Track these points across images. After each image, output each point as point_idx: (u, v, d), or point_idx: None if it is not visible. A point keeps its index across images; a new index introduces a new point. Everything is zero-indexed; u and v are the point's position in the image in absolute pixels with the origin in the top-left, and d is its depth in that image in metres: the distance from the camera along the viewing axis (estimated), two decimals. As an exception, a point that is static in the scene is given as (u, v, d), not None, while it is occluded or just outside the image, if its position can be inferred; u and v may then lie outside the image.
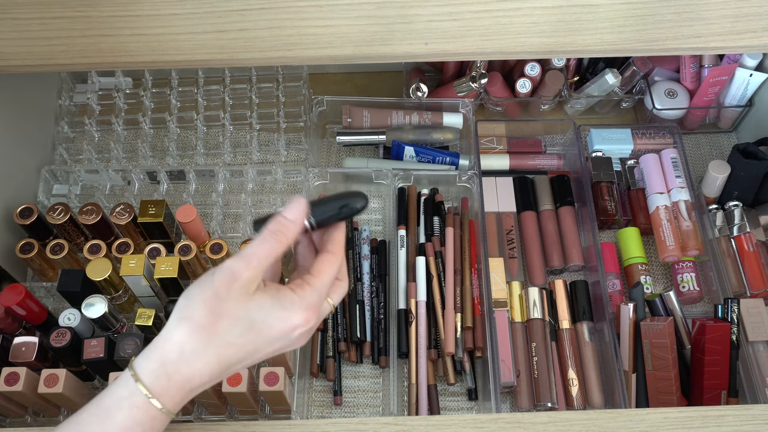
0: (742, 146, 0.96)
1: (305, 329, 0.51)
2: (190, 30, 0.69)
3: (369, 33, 0.70)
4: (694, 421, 0.60)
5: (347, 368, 0.91)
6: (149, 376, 0.49)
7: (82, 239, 0.91)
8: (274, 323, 0.50)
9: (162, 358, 0.49)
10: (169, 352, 0.49)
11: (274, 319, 0.50)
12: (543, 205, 1.00)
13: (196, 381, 0.50)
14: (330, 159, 1.07)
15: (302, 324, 0.51)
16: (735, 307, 0.84)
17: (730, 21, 0.70)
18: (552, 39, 0.70)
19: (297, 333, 0.51)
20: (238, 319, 0.49)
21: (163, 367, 0.49)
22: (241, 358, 0.51)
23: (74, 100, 1.06)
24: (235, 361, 0.51)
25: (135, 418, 0.49)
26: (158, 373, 0.49)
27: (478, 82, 0.97)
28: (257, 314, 0.50)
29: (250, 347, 0.51)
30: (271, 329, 0.50)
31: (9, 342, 0.76)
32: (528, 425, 0.60)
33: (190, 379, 0.50)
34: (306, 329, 0.52)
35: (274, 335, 0.51)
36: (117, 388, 0.50)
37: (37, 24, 0.69)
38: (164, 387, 0.49)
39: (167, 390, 0.49)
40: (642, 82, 1.05)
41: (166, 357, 0.49)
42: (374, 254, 0.96)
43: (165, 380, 0.49)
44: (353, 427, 0.61)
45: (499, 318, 0.89)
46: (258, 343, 0.51)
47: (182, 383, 0.50)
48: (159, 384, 0.49)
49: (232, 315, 0.49)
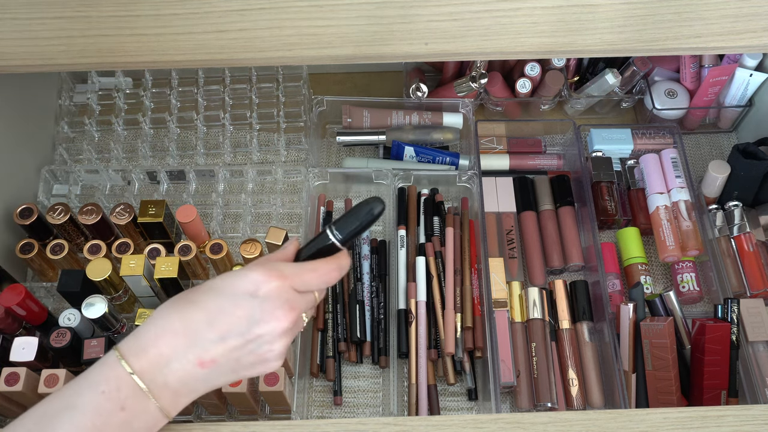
0: (742, 146, 0.96)
1: (270, 287, 0.51)
2: (190, 30, 0.69)
3: (369, 33, 0.70)
4: (694, 422, 0.60)
5: (347, 368, 0.91)
6: (123, 344, 0.51)
7: (82, 239, 0.91)
8: (232, 279, 0.51)
9: (136, 331, 0.52)
10: (143, 326, 0.52)
11: (234, 276, 0.51)
12: (543, 205, 1.00)
13: (161, 343, 0.50)
14: (330, 159, 1.07)
15: (263, 279, 0.51)
16: (735, 307, 0.84)
17: (730, 21, 0.70)
18: (552, 39, 0.70)
19: (263, 291, 0.51)
20: (203, 286, 0.52)
21: (134, 334, 0.51)
22: (206, 319, 0.50)
23: (74, 100, 1.06)
24: (199, 320, 0.50)
25: (105, 374, 0.50)
26: (130, 339, 0.51)
27: (478, 82, 0.97)
28: (221, 279, 0.52)
29: (211, 305, 0.51)
30: (232, 286, 0.51)
31: (9, 342, 0.76)
32: (528, 425, 0.60)
33: (155, 339, 0.50)
34: (272, 287, 0.51)
35: (236, 291, 0.51)
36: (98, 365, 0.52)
37: (37, 24, 0.69)
38: (130, 345, 0.51)
39: (134, 350, 0.50)
40: (642, 82, 1.05)
41: (139, 329, 0.52)
42: (374, 254, 0.96)
43: (133, 340, 0.51)
44: (353, 428, 0.61)
45: (499, 318, 0.89)
46: (220, 301, 0.51)
47: (146, 343, 0.50)
48: (126, 344, 0.51)
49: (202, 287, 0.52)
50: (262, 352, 0.52)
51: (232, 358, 0.51)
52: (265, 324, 0.51)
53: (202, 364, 0.51)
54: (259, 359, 0.52)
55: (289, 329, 0.52)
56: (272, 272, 0.51)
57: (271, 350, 0.52)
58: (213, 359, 0.51)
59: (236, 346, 0.51)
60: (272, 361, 0.53)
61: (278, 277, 0.51)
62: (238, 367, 0.52)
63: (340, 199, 1.02)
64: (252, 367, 0.53)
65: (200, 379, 0.52)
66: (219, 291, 0.51)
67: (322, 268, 0.54)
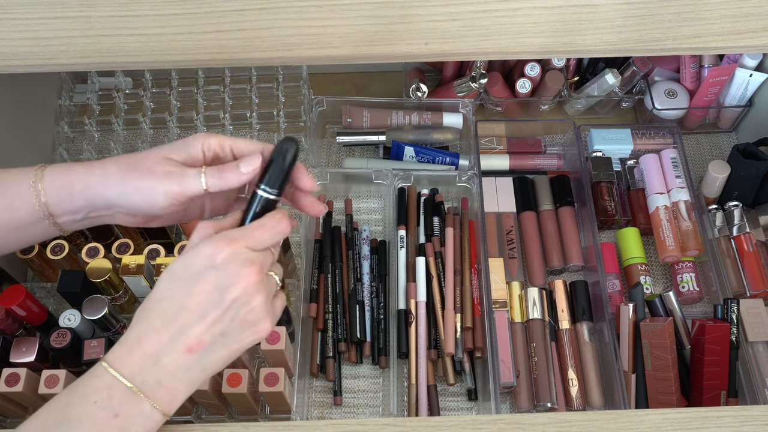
0: (742, 146, 0.96)
1: (225, 253, 0.50)
2: (190, 30, 0.69)
3: (369, 33, 0.70)
4: (693, 422, 0.60)
5: (347, 368, 0.91)
6: (109, 354, 0.51)
7: (82, 240, 0.91)
8: (187, 261, 0.51)
9: (120, 340, 0.52)
10: (125, 334, 0.52)
11: (186, 257, 0.51)
12: (543, 206, 1.00)
13: (145, 343, 0.50)
14: (330, 159, 1.07)
15: (215, 250, 0.50)
16: (735, 307, 0.84)
17: (730, 21, 0.70)
18: (552, 39, 0.70)
19: (219, 259, 0.50)
20: (163, 280, 0.52)
21: (118, 343, 0.51)
22: (178, 307, 0.50)
23: (74, 100, 1.06)
24: (172, 310, 0.50)
25: (95, 386, 0.50)
26: (115, 348, 0.51)
27: (478, 82, 0.97)
28: (175, 266, 0.52)
29: (178, 292, 0.50)
30: (189, 267, 0.51)
31: (9, 342, 0.76)
32: (528, 426, 0.60)
33: (138, 342, 0.50)
34: (227, 252, 0.50)
35: (195, 270, 0.50)
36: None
37: (37, 24, 0.69)
38: (115, 354, 0.51)
39: (120, 357, 0.50)
40: (642, 82, 1.05)
41: (122, 337, 0.52)
42: (374, 254, 0.96)
43: (117, 348, 0.51)
44: (353, 428, 0.61)
45: (499, 318, 0.89)
46: (185, 286, 0.50)
47: (130, 347, 0.50)
48: (112, 354, 0.51)
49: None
50: (243, 315, 0.51)
51: (217, 333, 0.51)
52: (235, 286, 0.50)
53: (190, 350, 0.51)
54: (245, 323, 0.52)
55: (259, 282, 0.51)
56: (221, 240, 0.51)
57: (251, 310, 0.52)
58: (199, 341, 0.51)
59: (216, 319, 0.51)
60: (259, 322, 0.52)
61: (229, 243, 0.51)
62: (227, 341, 0.52)
63: (340, 199, 1.02)
64: (241, 333, 0.52)
65: (194, 367, 0.52)
66: (179, 277, 0.51)
67: (268, 222, 0.54)
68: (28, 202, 0.55)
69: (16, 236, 0.57)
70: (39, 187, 0.55)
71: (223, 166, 0.55)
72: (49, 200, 0.55)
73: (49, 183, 0.55)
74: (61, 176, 0.56)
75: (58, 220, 0.57)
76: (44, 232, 0.58)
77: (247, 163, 0.55)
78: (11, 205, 0.55)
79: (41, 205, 0.55)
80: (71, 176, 0.55)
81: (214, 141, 0.56)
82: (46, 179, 0.56)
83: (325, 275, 0.92)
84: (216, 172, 0.55)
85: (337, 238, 0.96)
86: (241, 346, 0.53)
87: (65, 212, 0.56)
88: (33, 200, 0.55)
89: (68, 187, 0.55)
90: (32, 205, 0.55)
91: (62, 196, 0.55)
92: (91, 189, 0.55)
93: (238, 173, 0.55)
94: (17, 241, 0.58)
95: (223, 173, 0.55)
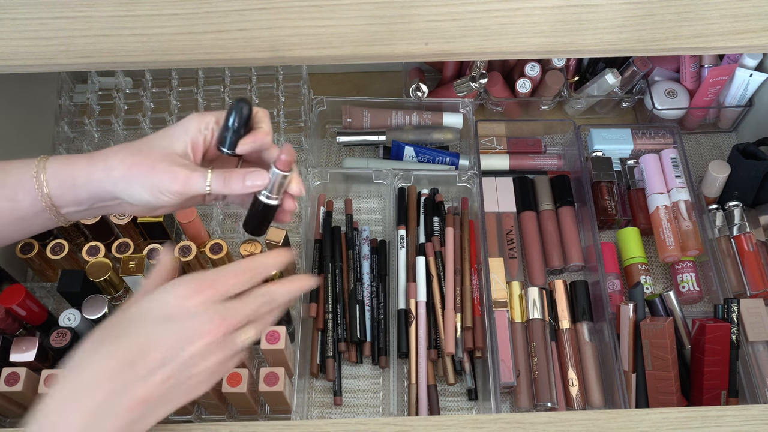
0: (742, 146, 0.96)
1: (197, 301, 0.47)
2: (190, 30, 0.69)
3: (369, 33, 0.70)
4: (693, 422, 0.60)
5: (347, 368, 0.91)
6: None
7: (82, 239, 0.91)
8: (153, 302, 0.48)
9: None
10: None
11: (151, 299, 0.48)
12: (543, 205, 1.00)
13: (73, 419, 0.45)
14: (330, 159, 1.07)
15: (186, 293, 0.47)
16: (735, 307, 0.84)
17: (730, 21, 0.70)
18: (552, 39, 0.70)
19: (191, 304, 0.47)
20: (123, 318, 0.49)
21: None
22: (133, 356, 0.46)
23: (74, 100, 1.06)
24: (122, 360, 0.46)
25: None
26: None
27: (478, 82, 0.97)
28: (140, 305, 0.49)
29: (141, 336, 0.47)
30: (154, 309, 0.48)
31: (9, 342, 0.76)
32: (528, 425, 0.60)
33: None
34: (200, 301, 0.47)
35: (160, 313, 0.47)
36: None
37: (37, 24, 0.69)
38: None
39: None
40: (642, 82, 1.05)
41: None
42: (374, 254, 0.96)
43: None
44: (353, 428, 0.61)
45: (499, 318, 0.89)
46: (147, 329, 0.47)
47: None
48: None
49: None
50: (191, 375, 0.48)
51: (165, 388, 0.47)
52: (196, 332, 0.47)
53: (130, 410, 0.46)
54: (189, 383, 0.48)
55: (218, 343, 0.48)
56: (192, 284, 0.48)
57: (199, 372, 0.48)
58: (144, 398, 0.46)
59: (170, 375, 0.47)
60: (199, 385, 0.49)
61: (199, 290, 0.48)
62: (168, 399, 0.48)
63: (340, 199, 1.02)
64: (183, 393, 0.48)
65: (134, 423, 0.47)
66: (141, 319, 0.47)
67: (243, 264, 0.51)
68: (31, 192, 0.55)
69: (20, 226, 0.57)
70: (42, 178, 0.55)
71: (229, 173, 0.55)
72: (52, 191, 0.55)
73: (52, 174, 0.55)
74: (63, 169, 0.55)
75: (62, 210, 0.56)
76: (49, 223, 0.57)
77: (253, 178, 0.55)
78: (14, 196, 0.55)
79: (44, 196, 0.55)
80: (74, 169, 0.55)
81: (211, 119, 0.56)
82: (48, 171, 0.55)
83: (325, 275, 0.92)
84: (221, 178, 0.54)
85: (337, 238, 0.96)
86: (176, 404, 0.49)
87: (69, 203, 0.56)
88: (36, 191, 0.55)
89: (71, 180, 0.55)
90: (35, 196, 0.55)
91: (65, 189, 0.55)
92: (94, 183, 0.54)
93: (242, 185, 0.54)
94: (23, 230, 0.58)
95: (228, 181, 0.54)
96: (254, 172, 0.55)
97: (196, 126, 0.56)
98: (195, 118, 0.56)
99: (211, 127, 0.56)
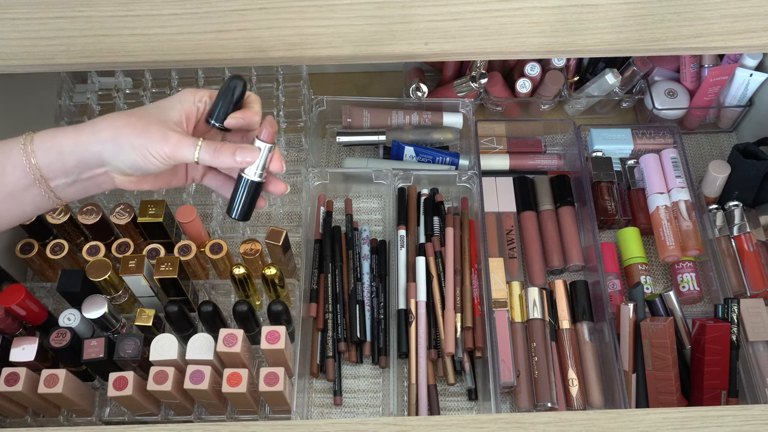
0: (742, 146, 0.96)
1: None
2: (190, 30, 0.69)
3: (369, 33, 0.70)
4: (693, 422, 0.60)
5: (347, 368, 0.91)
6: None
7: (82, 239, 0.91)
8: None
9: None
10: None
11: None
12: (543, 205, 1.00)
13: None
14: (330, 159, 1.07)
15: None
16: (735, 307, 0.84)
17: (730, 21, 0.71)
18: (552, 39, 0.70)
19: None
20: None
21: None
22: None
23: (74, 100, 1.06)
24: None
25: None
26: None
27: (478, 82, 0.97)
28: None
29: None
30: None
31: (9, 342, 0.76)
32: (528, 425, 0.60)
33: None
34: None
35: None
36: None
37: (37, 24, 0.69)
38: None
39: None
40: (642, 82, 1.05)
41: None
42: (374, 254, 0.96)
43: None
44: (353, 428, 0.61)
45: (499, 318, 0.89)
46: None
47: None
48: None
49: None
50: None
51: None
52: None
53: None
54: None
55: None
56: None
57: None
58: None
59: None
60: None
61: None
62: None
63: (340, 199, 1.02)
64: None
65: None
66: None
67: None
68: (19, 165, 0.56)
69: (12, 204, 0.58)
70: (29, 149, 0.56)
71: (220, 146, 0.57)
72: (39, 162, 0.56)
73: (39, 144, 0.56)
74: (50, 138, 0.57)
75: (51, 183, 0.57)
76: (40, 201, 0.58)
77: (243, 155, 0.57)
78: (2, 170, 0.56)
79: (32, 167, 0.56)
80: (60, 137, 0.56)
81: (205, 93, 0.60)
82: (35, 142, 0.56)
83: (325, 275, 0.92)
84: (212, 149, 0.57)
85: (337, 238, 0.96)
86: None
87: (57, 174, 0.57)
88: (24, 162, 0.56)
89: (58, 147, 0.56)
90: (23, 168, 0.56)
91: (53, 157, 0.56)
92: (81, 147, 0.56)
93: (231, 159, 0.57)
94: (15, 210, 0.58)
95: (218, 152, 0.57)
96: (245, 148, 0.58)
97: (191, 98, 0.59)
98: (190, 92, 0.59)
99: (204, 101, 0.59)
